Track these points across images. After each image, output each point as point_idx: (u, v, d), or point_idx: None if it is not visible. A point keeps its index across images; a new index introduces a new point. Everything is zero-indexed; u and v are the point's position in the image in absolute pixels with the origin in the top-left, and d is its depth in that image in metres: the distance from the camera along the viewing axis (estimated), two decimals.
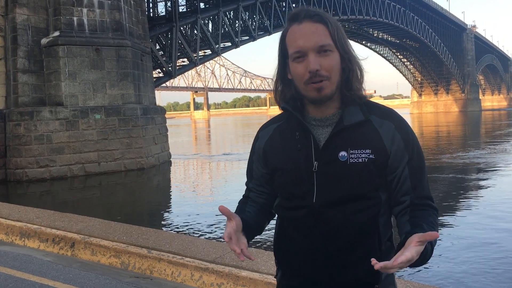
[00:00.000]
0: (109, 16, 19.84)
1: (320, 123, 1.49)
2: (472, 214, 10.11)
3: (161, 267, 4.72)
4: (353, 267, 1.45)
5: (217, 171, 21.20)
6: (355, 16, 59.91)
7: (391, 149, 1.43)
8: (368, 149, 1.42)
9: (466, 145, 26.50)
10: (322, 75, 1.40)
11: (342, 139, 1.45)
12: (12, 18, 18.58)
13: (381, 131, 1.44)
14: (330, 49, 1.41)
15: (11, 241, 6.13)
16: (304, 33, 1.42)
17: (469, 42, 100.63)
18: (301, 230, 1.49)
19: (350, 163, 1.42)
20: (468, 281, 6.15)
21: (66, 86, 18.62)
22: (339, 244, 1.45)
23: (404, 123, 1.48)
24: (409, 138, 1.46)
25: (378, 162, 1.42)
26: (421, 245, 1.23)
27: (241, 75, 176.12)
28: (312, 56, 1.40)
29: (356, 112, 1.47)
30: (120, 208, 12.78)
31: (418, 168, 1.46)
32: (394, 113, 1.50)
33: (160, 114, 23.03)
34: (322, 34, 1.41)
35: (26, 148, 17.69)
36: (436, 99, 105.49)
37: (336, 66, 1.43)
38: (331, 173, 1.44)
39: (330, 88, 1.43)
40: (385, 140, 1.43)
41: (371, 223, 1.45)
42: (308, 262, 1.48)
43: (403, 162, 1.44)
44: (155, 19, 32.94)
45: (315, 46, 1.40)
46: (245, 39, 41.17)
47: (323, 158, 1.45)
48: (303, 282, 1.51)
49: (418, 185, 1.44)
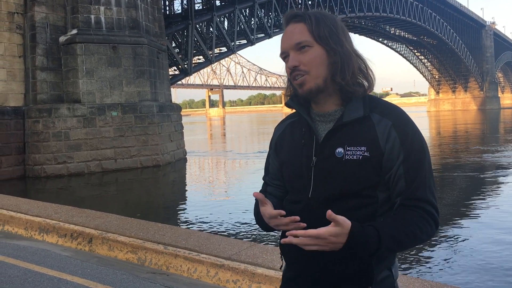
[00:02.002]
0: (126, 14, 19.98)
1: (323, 118, 1.51)
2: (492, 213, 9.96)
3: (177, 263, 4.74)
4: (345, 264, 1.43)
5: (232, 169, 21.24)
6: (371, 13, 59.38)
7: (386, 147, 1.40)
8: (363, 146, 1.41)
9: (486, 144, 26.10)
10: (300, 69, 1.45)
11: (340, 135, 1.45)
12: (31, 16, 18.84)
13: (378, 128, 1.42)
14: (308, 45, 1.45)
15: (30, 236, 6.22)
16: (286, 35, 1.49)
17: (488, 39, 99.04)
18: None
19: (346, 159, 1.42)
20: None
21: (84, 83, 18.82)
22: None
23: (403, 121, 1.44)
24: (407, 137, 1.41)
25: (373, 160, 1.40)
26: (335, 226, 1.27)
27: (257, 72, 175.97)
28: (292, 54, 1.46)
29: (358, 109, 1.46)
30: (136, 205, 12.89)
31: (416, 168, 1.40)
32: (396, 111, 1.46)
33: (175, 111, 23.15)
34: (299, 32, 1.46)
35: (45, 145, 17.94)
36: (454, 96, 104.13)
37: (317, 60, 1.45)
38: (327, 168, 1.45)
39: (312, 82, 1.45)
40: (380, 137, 1.41)
41: (367, 219, 1.40)
42: (303, 255, 1.47)
43: (398, 161, 1.40)
44: (171, 16, 33.09)
45: (292, 45, 1.46)
46: (260, 37, 41.13)
47: (321, 153, 1.47)
48: (298, 274, 1.53)
49: (411, 186, 1.39)
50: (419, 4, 71.97)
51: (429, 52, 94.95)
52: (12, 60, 18.81)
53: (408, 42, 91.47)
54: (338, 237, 1.29)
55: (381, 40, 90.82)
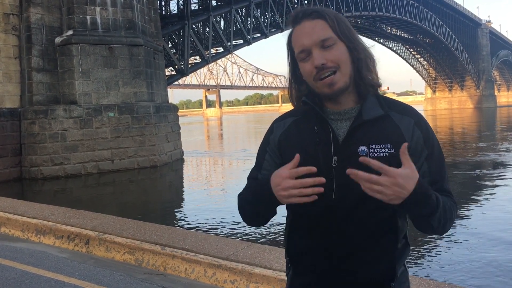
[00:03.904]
0: (122, 15, 19.95)
1: (339, 116, 1.47)
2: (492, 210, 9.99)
3: (175, 264, 4.74)
4: (370, 266, 1.43)
5: (229, 169, 21.24)
6: (367, 12, 59.47)
7: (411, 144, 1.41)
8: (389, 144, 1.40)
9: (483, 142, 26.19)
10: (330, 66, 1.40)
11: (362, 133, 1.42)
12: (26, 17, 18.78)
13: (402, 126, 1.43)
14: (333, 42, 1.42)
15: (27, 238, 6.20)
16: (305, 32, 1.43)
17: (484, 38, 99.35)
18: (318, 226, 1.46)
19: (370, 157, 1.37)
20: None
21: (80, 84, 18.78)
22: (357, 242, 1.42)
23: (423, 119, 1.48)
24: (429, 134, 1.45)
25: (398, 157, 1.37)
26: (406, 168, 1.26)
27: (253, 72, 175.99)
28: (316, 52, 1.41)
29: (375, 106, 1.45)
30: (134, 206, 12.87)
31: (438, 164, 1.45)
32: (413, 109, 1.50)
33: (172, 112, 23.12)
34: (321, 29, 1.42)
35: (41, 146, 17.89)
36: (451, 95, 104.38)
37: (344, 56, 1.42)
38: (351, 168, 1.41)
39: (342, 80, 1.42)
40: (406, 135, 1.42)
41: (390, 220, 1.43)
42: (323, 260, 1.45)
43: (422, 157, 1.43)
44: (167, 17, 33.04)
45: (317, 41, 1.41)
46: (257, 36, 41.12)
47: (343, 152, 1.42)
48: (317, 280, 1.48)
49: (438, 181, 1.43)
50: (415, 3, 72.12)
51: (425, 51, 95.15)
52: (8, 61, 18.74)
53: (405, 41, 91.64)
54: (408, 181, 1.25)
55: (377, 39, 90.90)
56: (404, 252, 1.49)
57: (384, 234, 1.44)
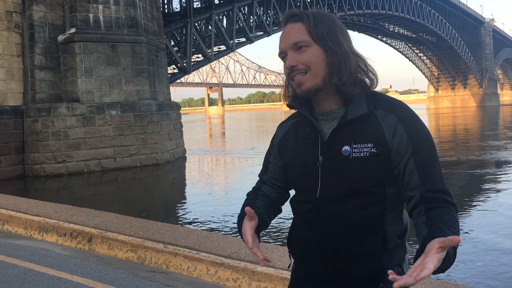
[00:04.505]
0: (124, 13, 19.95)
1: (327, 117, 1.50)
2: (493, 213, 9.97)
3: (177, 262, 4.74)
4: (357, 263, 1.43)
5: (232, 167, 21.24)
6: (370, 10, 59.34)
7: (393, 142, 1.39)
8: (370, 143, 1.40)
9: (486, 140, 26.12)
10: (299, 69, 1.44)
11: (345, 133, 1.44)
12: (29, 15, 18.80)
13: (383, 124, 1.41)
14: (306, 44, 1.44)
15: (30, 235, 6.22)
16: (284, 35, 1.49)
17: (487, 36, 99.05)
18: (307, 223, 1.52)
19: (353, 157, 1.41)
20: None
21: (82, 82, 18.80)
22: (342, 238, 1.44)
23: (409, 115, 1.43)
24: (414, 130, 1.40)
25: (380, 156, 1.39)
26: (442, 251, 1.14)
27: (256, 70, 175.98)
28: (289, 54, 1.46)
29: (361, 105, 1.45)
30: (136, 203, 12.89)
31: (427, 161, 1.39)
32: (401, 106, 1.46)
33: (175, 110, 23.13)
34: (297, 32, 1.45)
35: (44, 144, 17.92)
36: (453, 93, 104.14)
37: (316, 59, 1.44)
38: (334, 167, 1.44)
39: (311, 81, 1.44)
40: (386, 133, 1.40)
41: (375, 219, 1.42)
42: (314, 255, 1.49)
43: (407, 154, 1.39)
44: (170, 15, 33.04)
45: (290, 44, 1.45)
46: (259, 35, 41.07)
47: (328, 152, 1.46)
48: (310, 273, 1.53)
49: (428, 178, 1.37)
50: (418, 2, 71.93)
51: (428, 49, 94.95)
52: (11, 59, 18.77)
53: (407, 39, 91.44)
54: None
55: (380, 37, 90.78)
56: (397, 253, 1.47)
57: (369, 233, 1.43)
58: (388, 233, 1.44)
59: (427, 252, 1.16)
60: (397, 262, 1.46)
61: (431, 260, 1.12)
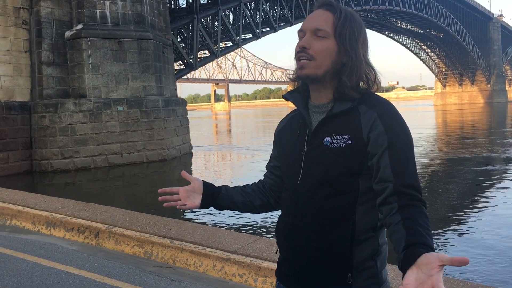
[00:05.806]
0: (131, 9, 19.97)
1: (318, 110, 1.56)
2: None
3: (184, 257, 4.76)
4: (326, 251, 1.47)
5: (237, 162, 21.26)
6: (377, 6, 58.98)
7: (369, 135, 1.43)
8: (347, 135, 1.46)
9: (494, 137, 25.96)
10: (308, 53, 1.49)
11: (329, 125, 1.50)
12: (36, 11, 18.87)
13: (363, 118, 1.46)
14: (325, 35, 1.48)
15: (38, 230, 6.26)
16: (311, 17, 1.53)
17: (495, 32, 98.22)
18: (287, 210, 1.59)
19: (331, 147, 1.47)
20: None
21: (89, 78, 18.86)
22: (314, 226, 1.48)
23: (389, 112, 1.46)
24: (392, 126, 1.43)
25: (355, 148, 1.44)
26: (442, 270, 1.10)
27: (262, 66, 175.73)
28: (307, 35, 1.50)
29: (347, 101, 1.50)
30: (143, 199, 12.94)
31: (402, 156, 1.40)
32: (383, 103, 1.49)
33: (181, 106, 23.16)
34: (323, 19, 1.50)
35: (51, 140, 18.02)
36: (461, 90, 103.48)
37: (327, 52, 1.48)
38: (315, 157, 1.50)
39: (313, 69, 1.49)
40: (364, 126, 1.44)
41: (346, 209, 1.46)
42: (289, 241, 1.55)
43: (381, 148, 1.41)
44: (176, 11, 33.01)
45: (312, 27, 1.49)
46: (266, 31, 40.98)
47: (312, 143, 1.52)
48: (286, 259, 1.58)
49: (401, 172, 1.38)
50: None
51: (435, 45, 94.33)
52: (18, 55, 18.87)
53: (415, 35, 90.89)
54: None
55: (387, 33, 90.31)
56: (369, 246, 1.46)
57: (340, 221, 1.46)
58: (359, 224, 1.45)
59: (424, 266, 1.12)
60: (369, 255, 1.46)
61: (439, 278, 1.09)
